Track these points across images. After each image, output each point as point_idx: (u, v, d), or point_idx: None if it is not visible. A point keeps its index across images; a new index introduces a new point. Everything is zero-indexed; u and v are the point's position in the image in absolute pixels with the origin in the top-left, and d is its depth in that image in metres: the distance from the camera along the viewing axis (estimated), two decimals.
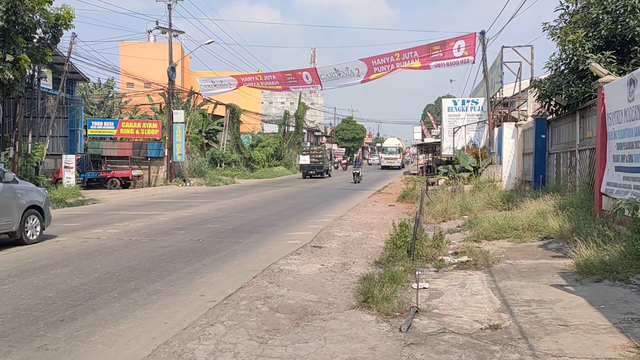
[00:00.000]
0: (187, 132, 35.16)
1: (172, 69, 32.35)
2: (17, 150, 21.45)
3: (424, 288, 6.99)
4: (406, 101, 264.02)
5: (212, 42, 33.05)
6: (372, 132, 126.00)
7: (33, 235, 11.18)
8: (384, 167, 65.04)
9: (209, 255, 9.71)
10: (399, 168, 64.92)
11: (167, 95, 34.02)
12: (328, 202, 20.76)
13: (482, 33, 22.97)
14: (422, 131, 70.45)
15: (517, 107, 23.67)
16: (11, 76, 15.43)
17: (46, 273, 8.21)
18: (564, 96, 13.22)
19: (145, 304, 6.52)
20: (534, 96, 15.41)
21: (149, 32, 37.16)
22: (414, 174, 42.26)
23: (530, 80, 18.48)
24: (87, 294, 6.96)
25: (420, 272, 7.46)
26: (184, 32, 34.41)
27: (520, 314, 5.86)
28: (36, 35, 16.89)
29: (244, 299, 6.74)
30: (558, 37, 13.23)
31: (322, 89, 27.34)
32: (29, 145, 24.40)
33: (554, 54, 13.76)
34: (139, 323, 5.81)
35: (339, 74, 25.36)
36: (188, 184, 31.55)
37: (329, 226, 13.51)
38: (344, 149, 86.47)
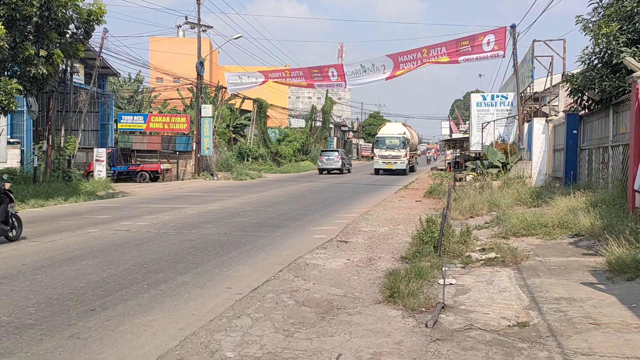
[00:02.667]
0: (214, 127, 35.46)
1: (201, 63, 32.64)
2: (50, 144, 21.93)
3: (451, 284, 6.94)
4: (434, 96, 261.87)
5: (240, 37, 33.24)
6: None
7: None
8: (380, 171, 38.95)
9: (235, 248, 9.80)
10: (404, 172, 38.24)
11: (195, 90, 34.34)
12: (354, 197, 20.73)
13: (513, 27, 22.62)
14: (450, 127, 64.97)
15: (548, 102, 23.27)
16: (45, 71, 15.76)
17: (77, 264, 8.39)
18: (596, 91, 12.93)
19: (173, 296, 6.61)
20: (566, 91, 15.11)
21: (178, 27, 37.68)
22: (441, 169, 41.89)
23: (562, 75, 18.17)
24: (117, 285, 7.09)
25: (446, 268, 7.40)
26: (212, 27, 34.68)
27: (549, 311, 5.77)
28: (69, 31, 17.19)
29: (270, 292, 6.79)
30: (591, 30, 12.94)
31: (345, 88, 27.33)
32: (62, 139, 24.93)
33: (587, 47, 13.46)
34: (167, 314, 5.90)
35: (365, 70, 25.26)
36: (215, 178, 31.84)
37: (355, 221, 13.50)
38: (370, 144, 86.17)
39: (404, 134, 39.78)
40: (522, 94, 23.65)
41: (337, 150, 43.47)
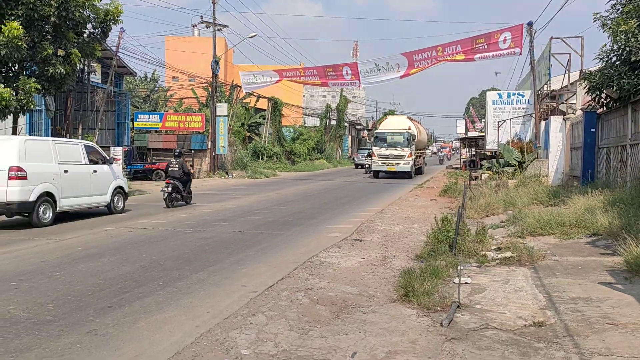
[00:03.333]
0: (229, 125, 35.62)
1: (216, 62, 32.78)
2: None
3: (466, 283, 6.91)
4: (449, 94, 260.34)
5: (255, 35, 33.33)
6: None
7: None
8: (380, 174, 33.03)
9: (250, 246, 9.84)
10: (408, 175, 32.13)
11: (210, 89, 34.50)
12: (369, 196, 20.70)
13: (530, 24, 22.41)
14: (466, 125, 64.28)
15: (566, 100, 23.02)
16: (63, 70, 15.94)
17: (95, 261, 8.49)
18: (615, 88, 12.78)
19: (189, 293, 6.66)
20: (584, 89, 14.94)
21: (193, 26, 37.90)
22: (457, 168, 41.66)
23: (580, 72, 17.94)
24: (134, 282, 7.16)
25: (462, 267, 7.36)
26: (227, 26, 34.76)
27: (566, 311, 5.72)
28: (86, 31, 17.36)
29: (284, 290, 6.81)
30: (609, 27, 12.78)
31: (359, 87, 27.36)
32: (79, 137, 25.20)
33: (605, 45, 13.30)
34: (182, 311, 5.95)
35: (379, 69, 25.23)
36: (230, 176, 31.99)
37: (370, 220, 13.48)
38: None
39: (409, 129, 33.09)
40: (539, 92, 23.43)
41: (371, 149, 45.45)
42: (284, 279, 7.38)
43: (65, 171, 12.99)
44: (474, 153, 42.98)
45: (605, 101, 14.14)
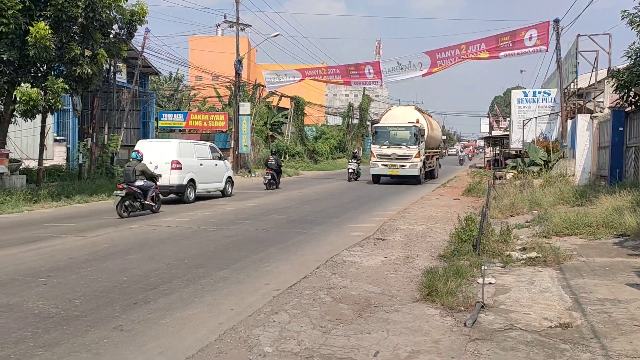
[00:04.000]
0: (252, 124, 35.81)
1: (239, 62, 32.98)
2: (94, 141, 22.57)
3: (490, 283, 6.84)
4: (473, 93, 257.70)
5: (278, 35, 33.44)
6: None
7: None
8: (379, 178, 27.33)
9: (273, 245, 9.88)
10: (416, 179, 26.25)
11: (233, 88, 34.74)
12: (391, 195, 20.62)
13: (556, 21, 22.09)
14: (490, 124, 63.53)
15: (593, 99, 22.61)
16: (90, 70, 16.20)
17: (121, 258, 8.62)
18: None
19: (212, 290, 6.72)
20: (612, 87, 14.68)
21: (217, 26, 38.20)
22: (481, 167, 41.25)
23: (608, 70, 17.64)
24: (159, 279, 7.25)
25: (486, 267, 7.29)
26: (250, 26, 34.99)
27: (592, 312, 5.63)
28: (112, 31, 17.60)
29: (307, 288, 6.83)
30: (637, 25, 12.52)
31: (382, 85, 27.33)
32: (105, 136, 25.60)
33: (634, 43, 13.03)
34: (206, 308, 6.01)
35: (402, 68, 25.13)
36: (253, 175, 32.16)
37: (392, 219, 13.43)
38: None
39: (417, 122, 26.16)
40: (566, 90, 23.07)
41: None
42: (307, 278, 7.40)
43: (201, 164, 17.89)
44: (499, 152, 42.51)
45: (633, 99, 13.87)
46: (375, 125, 28.74)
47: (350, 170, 28.86)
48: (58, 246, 9.64)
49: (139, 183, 14.12)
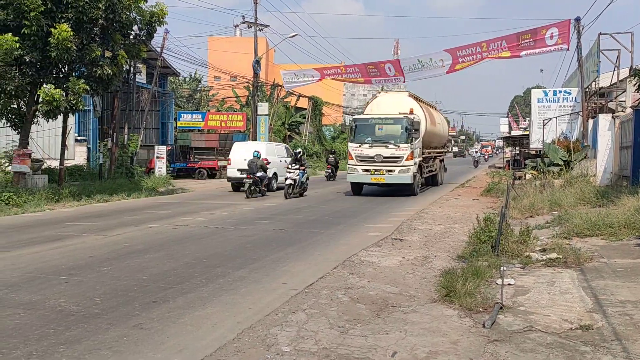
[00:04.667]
0: (270, 124, 35.96)
1: (257, 62, 33.12)
2: (114, 142, 22.83)
3: (509, 284, 6.78)
4: (492, 92, 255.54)
5: (296, 35, 33.50)
6: (456, 124, 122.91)
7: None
8: (361, 188, 20.88)
9: (291, 244, 9.91)
10: (409, 189, 19.95)
11: (252, 88, 34.88)
12: (409, 195, 20.51)
13: (577, 20, 21.82)
14: (509, 123, 62.77)
15: (615, 98, 22.29)
16: (110, 71, 16.40)
17: (140, 257, 8.71)
18: None
19: (230, 290, 6.76)
20: (634, 86, 14.43)
21: (235, 26, 38.36)
22: (500, 167, 40.89)
23: (630, 69, 17.34)
24: (178, 278, 7.31)
25: (505, 268, 7.23)
26: (268, 26, 35.09)
27: (614, 314, 5.55)
28: (132, 32, 17.79)
29: (325, 288, 6.83)
30: None
31: (404, 82, 27.14)
32: (125, 136, 25.90)
33: None
34: (224, 307, 6.05)
35: (423, 65, 24.95)
36: None
37: (410, 219, 13.38)
38: None
39: (410, 113, 19.99)
40: (587, 89, 22.76)
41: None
42: (324, 277, 7.40)
43: (280, 161, 21.64)
44: (518, 152, 42.10)
45: None
46: (355, 117, 22.21)
47: (288, 182, 18.87)
48: (79, 245, 9.78)
49: (259, 174, 19.14)
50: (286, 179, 19.16)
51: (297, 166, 19.48)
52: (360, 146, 19.57)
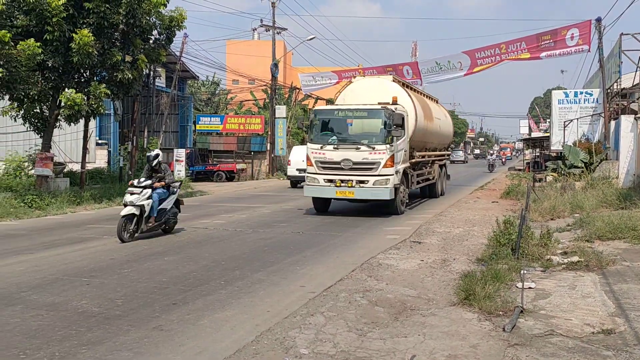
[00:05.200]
0: (288, 127, 36.03)
1: (275, 65, 33.26)
2: (134, 145, 23.08)
3: (530, 288, 6.71)
4: (512, 93, 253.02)
5: (314, 38, 33.61)
6: (475, 126, 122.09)
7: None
8: (326, 205, 15.67)
9: (309, 247, 9.92)
10: (392, 205, 14.58)
11: (270, 92, 35.02)
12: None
13: (598, 20, 21.52)
14: (529, 125, 62.05)
15: (637, 99, 21.94)
16: (130, 76, 16.59)
17: (160, 259, 8.79)
18: None
19: (249, 292, 6.79)
20: None
21: (253, 30, 38.47)
22: (520, 169, 40.47)
23: None
24: (197, 281, 7.37)
25: (525, 271, 7.17)
26: (286, 29, 35.25)
27: (636, 319, 5.47)
28: (152, 37, 17.97)
29: (343, 291, 6.83)
30: None
31: (422, 85, 27.03)
32: (145, 140, 26.17)
33: None
34: (243, 310, 6.08)
35: (441, 68, 24.85)
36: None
37: (429, 222, 13.31)
38: None
39: (394, 102, 14.90)
40: (609, 91, 22.44)
41: (463, 150, 57.03)
42: (343, 280, 7.40)
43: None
44: (538, 154, 41.65)
45: None
46: (316, 109, 16.61)
47: (125, 212, 10.59)
48: (100, 247, 9.90)
49: None
50: (125, 204, 10.65)
51: (151, 181, 10.94)
52: (322, 148, 14.36)
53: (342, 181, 14.10)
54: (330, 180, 14.23)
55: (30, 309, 6.00)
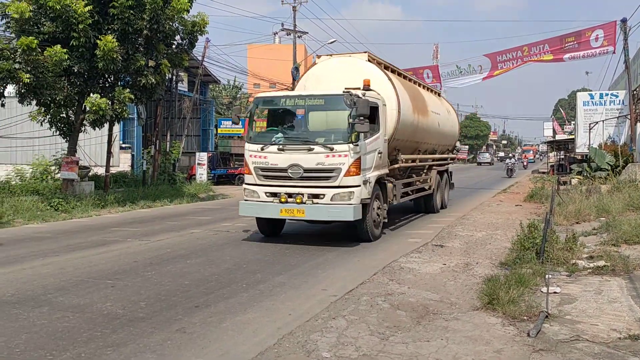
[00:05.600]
0: None
1: (296, 69, 33.32)
2: (157, 149, 23.36)
3: (555, 293, 6.61)
4: (535, 95, 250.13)
5: (335, 41, 33.60)
6: (497, 129, 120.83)
7: None
8: (266, 227, 11.43)
9: (330, 251, 9.91)
10: (359, 227, 10.57)
11: None
12: (449, 201, 20.23)
13: (624, 21, 21.19)
14: (553, 127, 61.24)
15: None
16: (153, 80, 16.79)
17: (182, 262, 8.86)
18: None
19: (270, 295, 6.81)
20: None
21: (274, 34, 38.83)
22: (544, 172, 39.92)
23: None
24: (218, 283, 7.41)
25: (550, 276, 7.06)
26: (307, 33, 35.41)
27: None
28: (175, 42, 18.16)
29: (364, 294, 6.81)
30: None
31: (441, 89, 26.90)
32: (167, 143, 26.44)
33: None
34: (265, 313, 6.09)
35: (461, 71, 24.72)
36: None
37: (451, 225, 13.20)
38: (467, 147, 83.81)
39: (366, 87, 10.85)
40: (635, 92, 22.05)
41: (488, 152, 60.27)
42: (364, 284, 7.38)
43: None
44: (563, 157, 41.04)
45: None
46: (258, 96, 12.12)
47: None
48: (124, 250, 10.02)
49: None
50: None
51: None
52: (263, 150, 10.52)
53: (289, 195, 10.22)
54: (274, 194, 10.37)
55: (56, 311, 6.10)
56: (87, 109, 15.96)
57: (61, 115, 16.75)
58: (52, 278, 7.68)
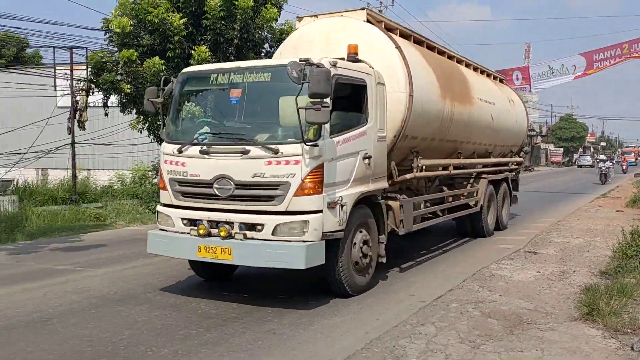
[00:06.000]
0: None
1: None
2: None
3: None
4: (636, 93, 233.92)
5: None
6: (596, 130, 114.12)
7: None
8: (201, 269, 7.63)
9: (418, 256, 9.77)
10: (329, 280, 6.75)
11: None
12: (540, 205, 19.33)
13: None
14: None
15: None
16: None
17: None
18: None
19: (358, 300, 6.82)
20: None
21: None
22: None
23: None
24: (306, 287, 7.53)
25: None
26: None
27: None
28: (263, 50, 18.66)
29: (454, 301, 6.67)
30: None
31: (530, 91, 25.85)
32: None
33: None
34: (352, 317, 6.12)
35: (553, 72, 23.66)
36: None
37: (545, 231, 12.62)
38: (561, 149, 79.82)
39: (351, 55, 7.16)
40: None
41: (589, 155, 64.46)
42: (453, 290, 7.23)
43: None
44: None
45: None
46: (184, 71, 7.75)
47: None
48: None
49: None
50: None
51: None
52: (180, 152, 6.86)
53: (212, 223, 6.56)
54: (194, 222, 6.70)
55: (155, 309, 6.45)
56: None
57: (158, 123, 17.67)
58: (151, 277, 8.13)
